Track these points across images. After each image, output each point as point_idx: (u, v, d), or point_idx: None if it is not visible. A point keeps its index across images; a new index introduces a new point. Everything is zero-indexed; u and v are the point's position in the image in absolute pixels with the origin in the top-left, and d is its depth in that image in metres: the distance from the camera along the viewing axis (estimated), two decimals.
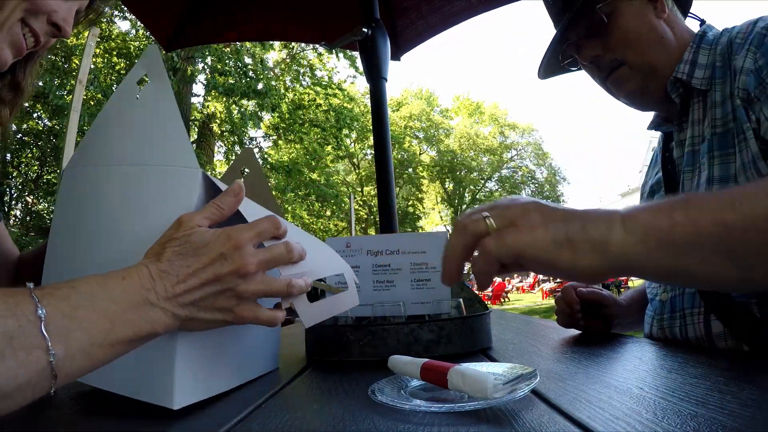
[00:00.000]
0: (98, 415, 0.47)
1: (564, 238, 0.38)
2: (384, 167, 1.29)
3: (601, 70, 0.80)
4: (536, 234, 0.38)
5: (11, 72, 0.69)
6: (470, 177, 23.05)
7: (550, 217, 0.39)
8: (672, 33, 0.77)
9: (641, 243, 0.37)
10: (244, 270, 0.43)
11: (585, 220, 0.39)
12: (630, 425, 0.33)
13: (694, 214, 0.37)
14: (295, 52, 10.58)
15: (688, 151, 0.74)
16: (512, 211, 0.40)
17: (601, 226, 0.38)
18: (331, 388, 0.53)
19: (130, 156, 0.51)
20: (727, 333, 0.67)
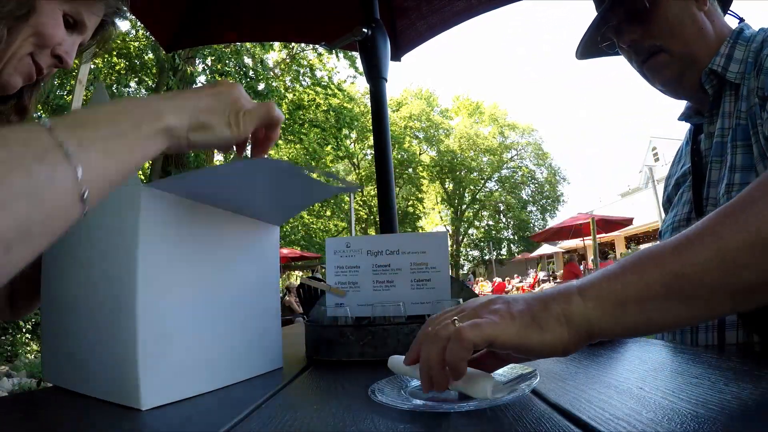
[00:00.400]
0: (92, 415, 0.47)
1: (530, 319, 0.40)
2: (384, 167, 1.29)
3: (639, 55, 0.81)
4: (505, 321, 0.40)
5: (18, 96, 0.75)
6: (470, 177, 23.05)
7: (514, 305, 0.42)
8: (711, 26, 0.78)
9: (599, 307, 0.40)
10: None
11: (545, 299, 0.41)
12: (630, 425, 0.33)
13: (644, 269, 0.40)
14: (295, 52, 10.58)
15: (717, 142, 0.75)
16: (478, 309, 0.42)
17: (560, 300, 0.41)
18: (331, 388, 0.53)
19: None
20: (740, 323, 0.68)
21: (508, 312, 0.41)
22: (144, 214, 0.47)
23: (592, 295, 0.40)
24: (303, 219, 13.91)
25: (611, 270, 0.42)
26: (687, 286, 0.38)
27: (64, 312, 0.54)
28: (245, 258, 0.63)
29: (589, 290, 0.41)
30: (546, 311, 0.40)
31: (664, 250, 0.40)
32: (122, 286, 0.47)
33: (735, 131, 0.71)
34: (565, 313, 0.40)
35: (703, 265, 0.38)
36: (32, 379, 4.27)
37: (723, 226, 0.39)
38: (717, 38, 0.77)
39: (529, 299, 0.42)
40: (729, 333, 0.69)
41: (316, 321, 0.79)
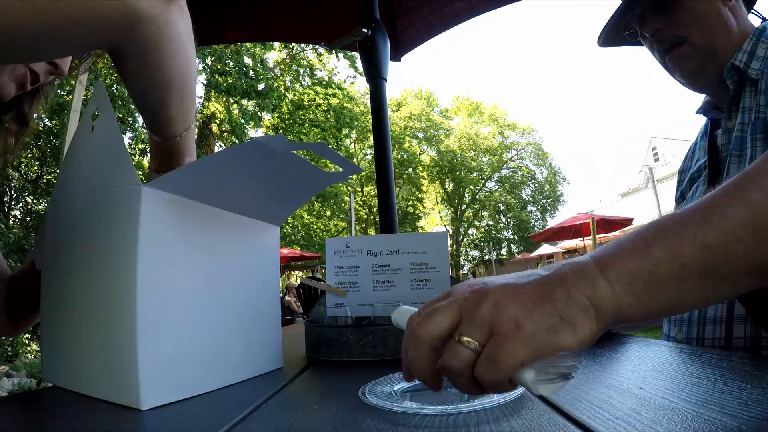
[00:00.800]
0: (92, 415, 0.47)
1: (558, 320, 0.32)
2: (384, 167, 1.30)
3: (662, 45, 0.82)
4: (527, 334, 0.32)
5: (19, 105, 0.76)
6: (470, 177, 23.04)
7: (526, 299, 0.33)
8: (735, 22, 0.79)
9: (630, 293, 0.34)
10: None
11: (565, 284, 0.34)
12: (630, 425, 0.33)
13: (673, 244, 0.34)
14: (295, 52, 10.58)
15: (737, 136, 0.76)
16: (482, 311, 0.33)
17: (583, 286, 0.34)
18: (331, 388, 0.53)
19: (81, 185, 0.55)
20: (748, 317, 0.68)
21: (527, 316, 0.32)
22: (144, 213, 0.47)
23: (619, 278, 0.34)
24: (303, 219, 13.90)
25: (632, 243, 0.35)
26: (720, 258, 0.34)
27: (64, 312, 0.54)
28: (245, 258, 0.63)
29: (613, 269, 0.34)
30: (571, 301, 0.33)
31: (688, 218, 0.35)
32: (122, 285, 0.47)
33: (755, 125, 0.71)
34: (593, 302, 0.33)
35: (735, 233, 0.34)
36: (32, 379, 4.28)
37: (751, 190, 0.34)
38: (740, 34, 0.78)
39: (542, 285, 0.34)
40: (737, 326, 0.70)
41: (316, 321, 0.79)
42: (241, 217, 0.63)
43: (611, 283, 0.34)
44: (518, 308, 0.32)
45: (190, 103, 0.55)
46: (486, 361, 0.32)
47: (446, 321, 0.33)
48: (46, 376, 0.57)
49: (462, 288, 0.35)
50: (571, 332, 0.32)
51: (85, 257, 0.52)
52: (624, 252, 0.35)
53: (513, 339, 0.31)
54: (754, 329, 0.68)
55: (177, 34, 0.49)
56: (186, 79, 0.53)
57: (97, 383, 0.49)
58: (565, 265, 0.36)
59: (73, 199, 0.55)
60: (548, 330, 0.32)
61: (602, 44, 0.94)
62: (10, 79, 0.68)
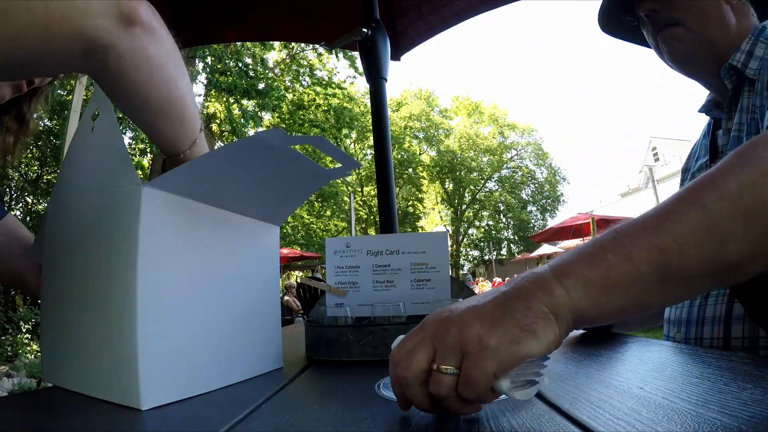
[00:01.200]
0: (92, 415, 0.47)
1: (518, 331, 0.34)
2: (384, 167, 1.30)
3: (656, 25, 0.82)
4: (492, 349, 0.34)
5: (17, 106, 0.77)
6: (470, 177, 23.04)
7: (488, 317, 0.35)
8: (735, 20, 0.79)
9: (586, 296, 0.35)
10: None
11: (521, 298, 0.36)
12: (630, 425, 0.33)
13: (626, 248, 0.36)
14: (295, 52, 10.58)
15: (735, 137, 0.76)
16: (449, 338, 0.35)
17: (539, 295, 0.36)
18: (331, 388, 0.53)
19: (80, 185, 0.55)
20: (746, 317, 0.68)
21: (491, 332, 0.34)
22: (144, 213, 0.47)
23: (574, 284, 0.36)
24: (303, 219, 13.90)
25: (588, 250, 0.37)
26: (673, 262, 0.35)
27: (64, 312, 0.54)
28: (245, 258, 0.63)
29: (569, 276, 0.36)
30: (530, 312, 0.35)
31: (644, 224, 0.37)
32: (122, 285, 0.47)
33: (750, 126, 0.72)
34: (551, 308, 0.35)
35: (688, 236, 0.35)
36: (32, 379, 4.28)
37: (706, 193, 0.36)
38: (739, 33, 0.78)
39: (501, 301, 0.36)
40: (735, 327, 0.70)
41: (316, 321, 0.79)
42: (241, 217, 0.63)
43: (567, 289, 0.36)
44: (480, 327, 0.35)
45: (185, 121, 0.53)
46: (464, 382, 0.34)
47: (424, 358, 0.36)
48: (46, 376, 0.57)
49: (430, 321, 0.38)
50: (534, 340, 0.35)
51: (85, 257, 0.52)
52: (581, 259, 0.37)
53: (481, 357, 0.34)
54: (752, 329, 0.68)
55: (146, 59, 0.46)
56: (171, 101, 0.51)
57: (97, 383, 0.49)
58: (524, 278, 0.38)
59: (73, 198, 0.55)
60: (511, 342, 0.34)
61: (603, 29, 0.94)
62: (5, 82, 0.68)
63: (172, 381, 0.49)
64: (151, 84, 0.48)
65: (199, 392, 0.52)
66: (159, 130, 0.53)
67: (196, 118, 0.55)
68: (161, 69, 0.48)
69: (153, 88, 0.48)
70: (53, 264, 0.57)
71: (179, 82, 0.51)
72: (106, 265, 0.49)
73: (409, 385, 0.36)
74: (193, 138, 0.55)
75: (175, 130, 0.53)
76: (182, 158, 0.54)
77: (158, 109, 0.50)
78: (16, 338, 5.36)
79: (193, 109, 0.54)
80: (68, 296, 0.53)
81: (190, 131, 0.54)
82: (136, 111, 0.50)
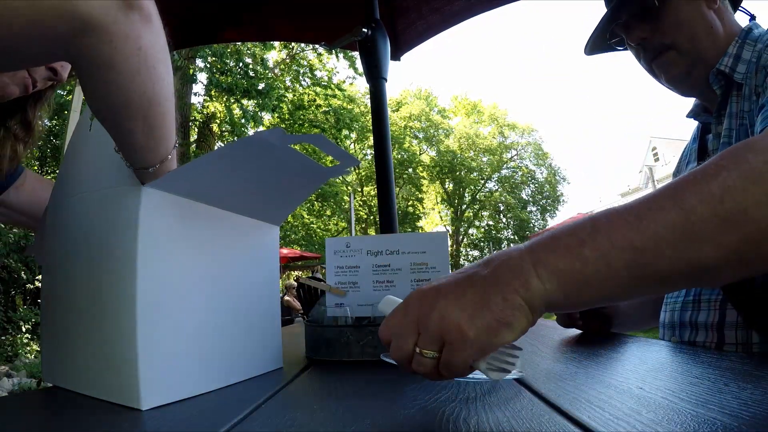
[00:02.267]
0: (92, 415, 0.47)
1: (495, 323, 0.37)
2: (384, 167, 1.30)
3: (648, 52, 0.82)
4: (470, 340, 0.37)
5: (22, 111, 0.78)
6: (470, 177, 23.03)
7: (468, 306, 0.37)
8: (720, 25, 0.78)
9: (559, 289, 0.37)
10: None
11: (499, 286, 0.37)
12: (630, 425, 0.33)
13: (602, 244, 0.36)
14: (295, 52, 10.58)
15: (725, 143, 0.75)
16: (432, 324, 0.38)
17: (517, 285, 0.37)
18: (332, 387, 0.53)
19: (80, 185, 0.55)
20: (740, 322, 0.68)
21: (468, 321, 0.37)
22: (144, 214, 0.47)
23: (550, 277, 0.37)
24: (303, 219, 13.90)
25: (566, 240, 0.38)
26: (648, 259, 0.35)
27: (64, 312, 0.54)
28: (245, 258, 0.63)
29: (545, 267, 0.37)
30: (506, 303, 0.37)
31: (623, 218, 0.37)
32: (122, 286, 0.47)
33: (738, 132, 0.71)
34: (526, 299, 0.37)
35: (664, 236, 0.35)
36: (32, 379, 4.28)
37: (686, 193, 0.36)
38: (726, 37, 0.77)
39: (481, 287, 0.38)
40: (728, 332, 0.69)
41: (316, 321, 0.79)
42: (241, 217, 0.63)
43: (542, 280, 0.37)
44: (461, 316, 0.37)
45: (162, 131, 0.47)
46: (444, 365, 0.39)
47: (409, 343, 0.39)
48: (46, 376, 0.57)
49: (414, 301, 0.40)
50: (508, 330, 0.37)
51: (84, 257, 0.52)
52: (558, 249, 0.38)
53: (460, 346, 0.37)
54: (744, 336, 0.68)
55: (137, 49, 0.41)
56: (152, 104, 0.45)
57: (97, 383, 0.49)
58: (503, 260, 0.39)
59: (72, 198, 0.55)
60: (488, 332, 0.37)
61: (588, 53, 0.94)
62: (12, 81, 0.68)
63: (172, 381, 0.49)
64: (138, 79, 0.43)
65: (199, 392, 0.52)
66: (133, 136, 0.46)
67: (173, 131, 0.49)
68: (151, 64, 0.43)
69: (138, 84, 0.43)
70: (53, 264, 0.57)
71: (166, 84, 0.46)
72: (106, 265, 0.49)
73: (400, 363, 0.41)
74: (167, 153, 0.49)
75: (151, 139, 0.47)
76: (151, 174, 0.49)
77: (138, 112, 0.44)
78: (16, 338, 5.36)
79: (172, 119, 0.49)
80: (68, 296, 0.53)
81: (165, 144, 0.49)
82: (113, 110, 0.45)
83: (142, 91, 0.44)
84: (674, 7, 0.77)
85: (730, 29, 0.78)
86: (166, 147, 0.49)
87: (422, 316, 0.39)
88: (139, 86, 0.43)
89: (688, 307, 0.77)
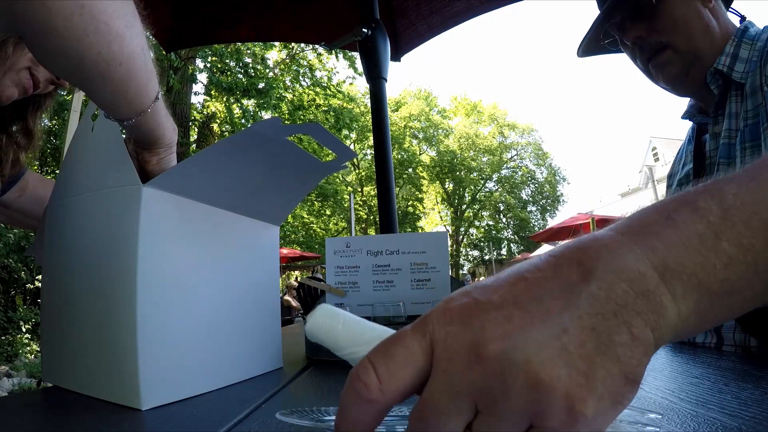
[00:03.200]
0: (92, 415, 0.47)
1: (623, 383, 0.21)
2: (384, 167, 1.30)
3: (644, 52, 0.81)
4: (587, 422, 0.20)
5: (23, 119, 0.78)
6: (470, 177, 23.03)
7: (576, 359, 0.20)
8: (716, 23, 0.78)
9: (695, 312, 0.23)
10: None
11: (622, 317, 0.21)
12: (630, 425, 0.33)
13: (744, 235, 0.23)
14: (294, 52, 10.58)
15: (724, 143, 0.75)
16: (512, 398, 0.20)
17: (645, 311, 0.22)
18: (332, 387, 0.53)
19: (80, 185, 0.55)
20: (737, 327, 0.68)
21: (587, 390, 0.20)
22: (144, 214, 0.47)
23: (686, 291, 0.23)
24: (303, 219, 13.90)
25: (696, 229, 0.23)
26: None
27: (64, 312, 0.54)
28: (245, 258, 0.63)
29: (679, 278, 0.22)
30: (636, 344, 0.21)
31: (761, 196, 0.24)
32: (122, 286, 0.47)
33: (743, 133, 0.70)
34: (656, 336, 0.22)
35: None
36: (32, 379, 4.27)
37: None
38: (722, 36, 0.77)
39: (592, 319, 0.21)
40: (727, 334, 0.69)
41: None
42: (241, 217, 0.63)
43: (677, 300, 0.22)
44: (568, 378, 0.20)
45: (133, 88, 0.45)
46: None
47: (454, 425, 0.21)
48: (46, 376, 0.57)
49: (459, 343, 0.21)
50: (634, 393, 0.21)
51: (85, 257, 0.52)
52: (690, 248, 0.23)
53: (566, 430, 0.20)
54: (742, 338, 0.68)
55: (80, 8, 0.37)
56: (111, 64, 0.41)
57: (97, 383, 0.49)
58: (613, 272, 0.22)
59: (73, 199, 0.55)
60: (614, 406, 0.21)
61: (581, 55, 0.93)
62: (12, 83, 0.68)
63: (172, 381, 0.49)
64: (87, 41, 0.39)
65: (199, 392, 0.52)
66: (98, 95, 0.45)
67: (150, 84, 0.47)
68: (102, 21, 0.39)
69: (88, 46, 0.39)
70: (53, 264, 0.57)
71: (128, 39, 0.42)
72: (106, 266, 0.49)
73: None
74: (143, 107, 0.47)
75: (118, 97, 0.45)
76: (128, 126, 0.48)
77: (96, 73, 0.41)
78: (16, 338, 5.36)
79: (146, 73, 0.46)
80: (68, 296, 0.53)
81: (140, 99, 0.47)
82: (69, 73, 0.43)
83: (96, 52, 0.40)
84: (670, 6, 0.76)
85: (725, 28, 0.78)
86: (142, 101, 0.47)
87: (491, 379, 0.20)
88: (91, 47, 0.39)
89: None
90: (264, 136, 0.52)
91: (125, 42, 0.42)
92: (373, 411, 0.22)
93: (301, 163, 0.63)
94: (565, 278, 0.22)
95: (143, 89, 0.47)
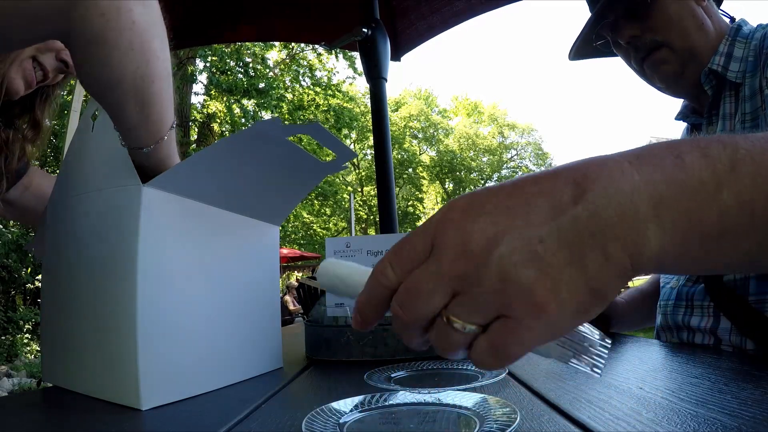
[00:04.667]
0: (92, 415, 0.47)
1: (588, 295, 0.24)
2: (384, 167, 1.29)
3: (639, 51, 0.80)
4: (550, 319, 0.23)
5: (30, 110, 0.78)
6: (470, 177, 23.03)
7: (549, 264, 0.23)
8: (710, 22, 0.77)
9: (680, 244, 0.24)
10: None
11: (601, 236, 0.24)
12: (630, 425, 0.33)
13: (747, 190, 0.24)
14: (294, 52, 10.59)
15: None
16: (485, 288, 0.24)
17: (626, 237, 0.24)
18: (332, 387, 0.53)
19: (80, 185, 0.55)
20: (734, 330, 0.67)
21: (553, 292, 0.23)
22: (144, 213, 0.47)
23: (675, 225, 0.24)
24: (303, 219, 13.90)
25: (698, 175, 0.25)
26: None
27: (64, 312, 0.54)
28: (245, 258, 0.63)
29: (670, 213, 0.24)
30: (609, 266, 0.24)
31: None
32: (122, 285, 0.47)
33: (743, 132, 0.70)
34: (633, 260, 0.24)
35: None
36: (32, 379, 4.28)
37: None
38: (716, 34, 0.77)
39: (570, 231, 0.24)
40: (723, 336, 0.69)
41: (316, 321, 0.79)
42: (240, 217, 0.63)
43: (664, 231, 0.24)
44: (537, 280, 0.23)
45: (157, 110, 0.46)
46: (489, 350, 0.25)
47: (436, 303, 0.26)
48: (46, 376, 0.57)
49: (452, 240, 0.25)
50: (600, 305, 0.24)
51: (85, 257, 0.52)
52: (685, 187, 0.24)
53: (529, 326, 0.24)
54: (739, 340, 0.67)
55: (132, 23, 0.40)
56: (146, 81, 0.43)
57: (97, 383, 0.49)
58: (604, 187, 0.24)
59: (73, 198, 0.55)
60: (576, 312, 0.24)
61: (573, 58, 0.92)
62: (18, 75, 0.67)
63: (172, 381, 0.49)
64: (131, 55, 0.41)
65: (199, 392, 0.52)
66: (126, 115, 0.45)
67: (171, 110, 0.48)
68: (146, 39, 0.41)
69: (131, 60, 0.41)
70: (53, 264, 0.57)
71: (161, 62, 0.44)
72: (106, 265, 0.49)
73: (406, 328, 0.28)
74: (162, 134, 0.48)
75: (144, 118, 0.46)
76: (144, 154, 0.48)
77: (131, 89, 0.43)
78: (16, 338, 5.36)
79: (169, 98, 0.47)
80: (68, 296, 0.53)
81: (160, 124, 0.47)
82: (106, 87, 0.43)
83: (135, 68, 0.42)
84: (664, 4, 0.76)
85: (719, 27, 0.78)
86: (162, 127, 0.48)
87: (468, 269, 0.24)
88: (132, 62, 0.41)
89: (679, 309, 0.76)
90: (264, 136, 0.52)
91: (159, 62, 0.44)
92: (387, 294, 0.28)
93: (301, 163, 0.63)
94: (557, 197, 0.25)
95: (164, 113, 0.48)
